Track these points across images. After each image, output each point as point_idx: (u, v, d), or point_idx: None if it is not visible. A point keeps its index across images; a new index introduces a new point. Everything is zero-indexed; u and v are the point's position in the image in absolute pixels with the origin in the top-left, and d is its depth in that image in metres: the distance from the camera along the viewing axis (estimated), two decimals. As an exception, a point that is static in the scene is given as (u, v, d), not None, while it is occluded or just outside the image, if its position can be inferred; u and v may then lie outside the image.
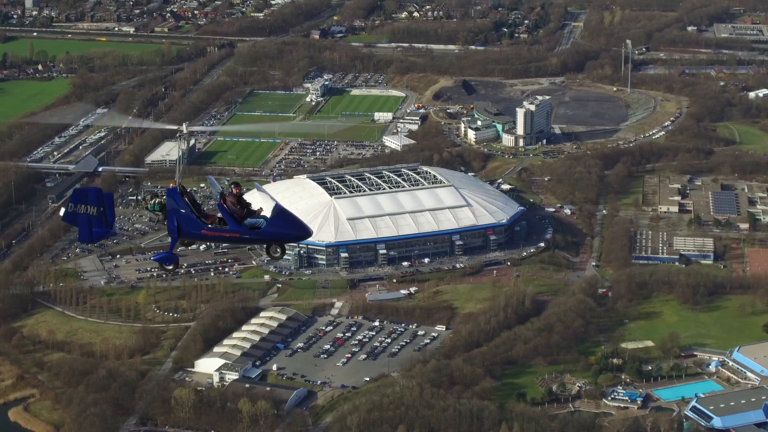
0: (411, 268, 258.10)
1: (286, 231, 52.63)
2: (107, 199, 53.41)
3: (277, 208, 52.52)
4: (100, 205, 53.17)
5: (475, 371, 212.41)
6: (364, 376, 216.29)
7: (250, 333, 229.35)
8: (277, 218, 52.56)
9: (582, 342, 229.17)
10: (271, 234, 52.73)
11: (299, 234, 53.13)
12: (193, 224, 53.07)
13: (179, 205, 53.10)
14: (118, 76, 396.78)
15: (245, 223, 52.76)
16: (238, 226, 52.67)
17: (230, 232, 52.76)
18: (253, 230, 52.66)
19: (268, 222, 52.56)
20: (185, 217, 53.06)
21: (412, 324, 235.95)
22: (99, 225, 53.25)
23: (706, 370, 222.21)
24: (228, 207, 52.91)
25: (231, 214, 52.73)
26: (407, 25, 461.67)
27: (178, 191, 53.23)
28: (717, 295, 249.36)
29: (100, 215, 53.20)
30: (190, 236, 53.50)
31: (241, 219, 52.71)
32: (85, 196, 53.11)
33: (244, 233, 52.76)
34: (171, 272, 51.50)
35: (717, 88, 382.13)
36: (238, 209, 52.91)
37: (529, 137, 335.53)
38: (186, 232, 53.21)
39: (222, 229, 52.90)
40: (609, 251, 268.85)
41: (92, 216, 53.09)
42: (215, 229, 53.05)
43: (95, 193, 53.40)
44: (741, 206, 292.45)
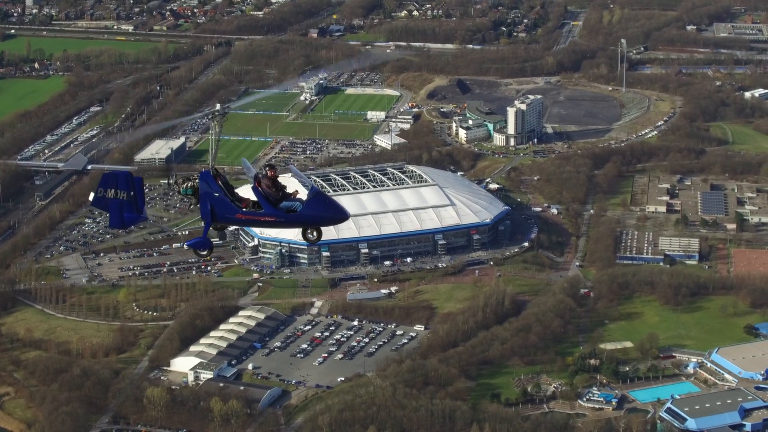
0: (393, 267, 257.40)
1: (322, 214, 51.70)
2: (137, 183, 51.90)
3: (313, 190, 51.41)
4: (131, 190, 51.58)
5: (450, 371, 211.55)
6: (340, 376, 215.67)
7: (227, 332, 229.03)
8: (313, 201, 51.41)
9: (560, 342, 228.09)
10: (308, 217, 51.86)
11: (336, 217, 52.20)
12: (227, 208, 51.74)
13: (212, 188, 51.64)
14: (113, 75, 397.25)
15: (281, 206, 51.73)
16: (273, 210, 51.66)
17: (265, 216, 51.83)
18: (289, 213, 51.72)
19: (305, 205, 51.50)
20: (219, 201, 51.64)
21: (390, 324, 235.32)
22: (130, 210, 51.71)
23: (684, 371, 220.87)
24: (263, 190, 51.65)
25: (266, 198, 51.56)
26: (405, 23, 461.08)
27: (212, 174, 51.81)
28: (699, 295, 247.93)
29: (131, 200, 51.63)
30: (224, 220, 52.23)
31: (276, 202, 51.61)
32: (114, 180, 51.54)
33: (280, 217, 51.81)
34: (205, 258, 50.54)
35: (712, 88, 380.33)
36: (273, 192, 51.72)
37: (520, 136, 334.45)
38: (220, 216, 51.88)
39: (257, 213, 51.85)
40: (593, 251, 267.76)
41: (123, 201, 51.50)
42: (250, 213, 51.94)
43: (125, 177, 51.85)
44: (729, 206, 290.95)
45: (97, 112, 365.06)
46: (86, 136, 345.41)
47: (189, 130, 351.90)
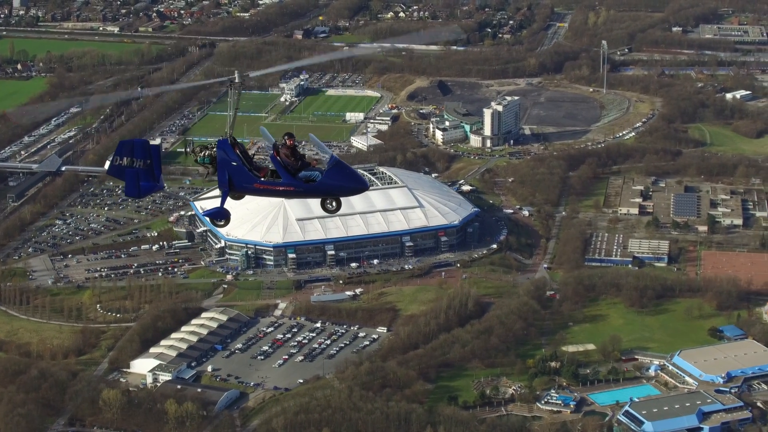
0: (359, 269, 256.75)
1: (342, 184, 51.11)
2: (154, 151, 51.62)
3: (333, 159, 50.87)
4: (147, 158, 51.43)
5: (409, 374, 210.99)
6: (299, 378, 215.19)
7: (189, 334, 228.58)
8: (333, 170, 50.81)
9: (522, 345, 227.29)
10: (327, 187, 51.20)
11: (356, 187, 51.58)
12: (245, 177, 51.40)
13: (230, 157, 51.40)
14: (95, 76, 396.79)
15: (299, 176, 51.24)
16: (292, 179, 51.14)
17: (284, 186, 51.33)
18: (308, 183, 51.15)
19: (324, 174, 50.95)
20: (237, 170, 51.35)
21: (353, 326, 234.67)
22: (146, 179, 51.55)
23: (645, 374, 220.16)
24: (281, 159, 51.25)
25: (285, 167, 51.09)
26: (390, 25, 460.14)
27: (229, 143, 51.47)
28: (666, 298, 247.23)
29: (147, 168, 51.46)
30: (242, 190, 51.91)
31: (295, 172, 51.12)
32: (131, 148, 51.48)
33: (299, 186, 51.30)
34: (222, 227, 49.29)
35: (692, 90, 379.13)
36: (292, 161, 51.27)
37: (496, 138, 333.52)
38: (237, 185, 51.57)
39: (275, 183, 51.42)
40: (562, 253, 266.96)
41: (139, 169, 51.38)
42: (268, 183, 51.57)
43: (142, 145, 51.68)
44: (702, 208, 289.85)
45: (76, 114, 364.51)
46: (64, 137, 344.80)
47: (167, 131, 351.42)
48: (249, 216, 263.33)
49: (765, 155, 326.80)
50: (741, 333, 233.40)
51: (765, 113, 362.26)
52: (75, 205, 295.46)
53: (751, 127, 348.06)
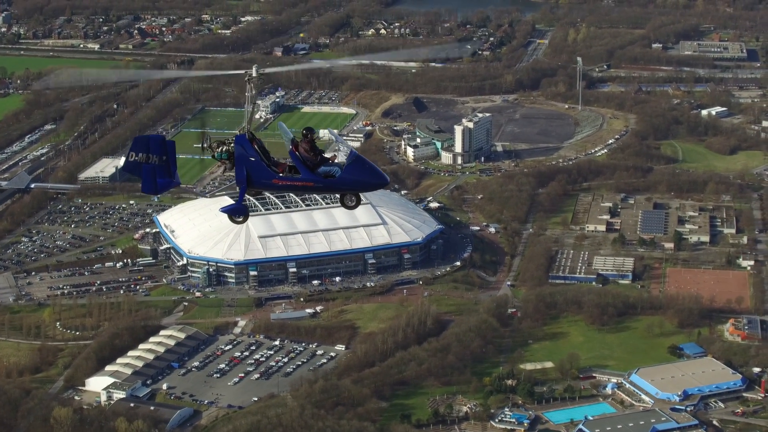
0: (320, 286, 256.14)
1: (362, 179, 50.28)
2: (170, 147, 50.83)
3: (352, 155, 50.39)
4: (163, 154, 50.58)
5: (362, 392, 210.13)
6: (254, 396, 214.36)
7: (145, 352, 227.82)
8: (352, 166, 50.12)
9: (480, 363, 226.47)
10: (347, 182, 50.36)
11: (376, 182, 50.75)
12: (263, 173, 50.66)
13: (248, 152, 50.83)
14: (72, 93, 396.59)
15: (319, 171, 50.59)
16: (311, 175, 50.47)
17: (303, 181, 50.55)
18: (327, 179, 50.34)
19: (343, 170, 50.25)
20: (255, 166, 50.62)
21: (312, 343, 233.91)
22: (163, 175, 50.85)
23: (602, 392, 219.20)
24: (300, 154, 50.70)
25: (303, 162, 50.47)
26: (370, 42, 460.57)
27: (247, 138, 50.89)
28: (627, 315, 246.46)
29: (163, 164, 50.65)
30: (260, 186, 51.08)
31: (314, 167, 50.51)
32: (147, 144, 50.52)
33: (318, 182, 50.50)
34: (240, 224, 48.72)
35: (666, 106, 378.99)
36: (311, 156, 50.76)
37: (467, 155, 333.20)
38: (256, 181, 50.74)
39: (294, 178, 50.65)
40: (525, 270, 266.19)
41: (156, 165, 50.55)
42: (287, 178, 50.78)
43: (158, 142, 50.73)
44: (670, 225, 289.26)
45: (50, 131, 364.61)
46: (36, 154, 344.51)
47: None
48: (211, 233, 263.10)
49: (736, 172, 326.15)
50: (701, 351, 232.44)
51: (739, 130, 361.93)
52: (42, 223, 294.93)
53: (724, 144, 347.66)
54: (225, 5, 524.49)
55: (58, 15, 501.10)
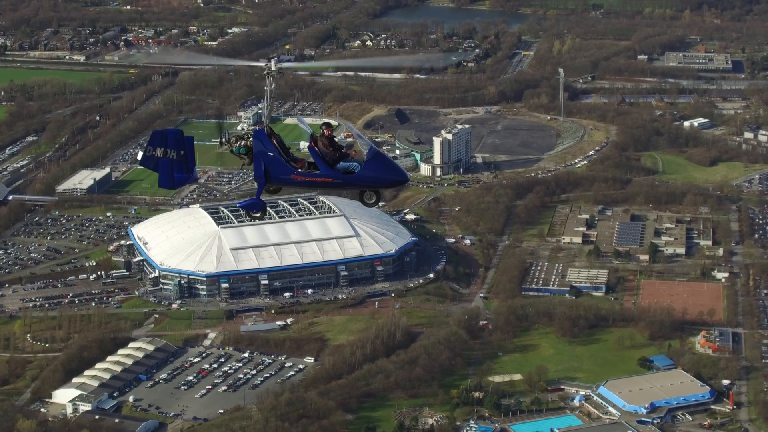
0: (292, 299, 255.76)
1: (382, 175, 49.81)
2: (188, 142, 50.40)
3: (372, 151, 49.91)
4: (181, 149, 50.09)
5: (328, 404, 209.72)
6: (220, 408, 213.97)
7: (113, 364, 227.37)
8: (372, 162, 49.67)
9: (449, 375, 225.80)
10: (366, 179, 49.91)
11: (396, 179, 50.38)
12: (282, 168, 50.22)
13: (267, 147, 50.22)
14: (55, 105, 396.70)
15: (338, 167, 50.08)
16: (330, 171, 49.98)
17: (322, 177, 50.14)
18: (347, 175, 49.94)
19: (363, 166, 49.80)
20: (273, 161, 50.15)
21: (281, 356, 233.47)
22: (180, 170, 50.24)
23: (569, 404, 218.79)
24: (319, 150, 50.02)
25: (323, 158, 49.88)
26: (355, 53, 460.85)
27: (266, 133, 50.29)
28: (599, 327, 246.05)
29: (181, 159, 50.14)
30: (279, 181, 50.70)
31: (333, 163, 49.97)
32: (164, 138, 50.22)
33: (337, 178, 50.08)
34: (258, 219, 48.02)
35: (648, 117, 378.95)
36: (330, 152, 50.12)
37: (446, 166, 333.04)
38: (274, 176, 50.38)
39: (313, 174, 50.19)
40: (499, 283, 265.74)
41: (173, 160, 49.99)
42: (306, 174, 50.34)
43: (176, 136, 50.48)
44: (646, 237, 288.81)
45: (32, 143, 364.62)
46: (16, 166, 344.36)
47: (119, 159, 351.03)
48: (184, 245, 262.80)
49: (715, 183, 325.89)
50: (671, 363, 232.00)
51: (720, 141, 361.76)
52: (18, 235, 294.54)
53: (704, 155, 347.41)
54: (212, 17, 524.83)
55: (45, 27, 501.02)
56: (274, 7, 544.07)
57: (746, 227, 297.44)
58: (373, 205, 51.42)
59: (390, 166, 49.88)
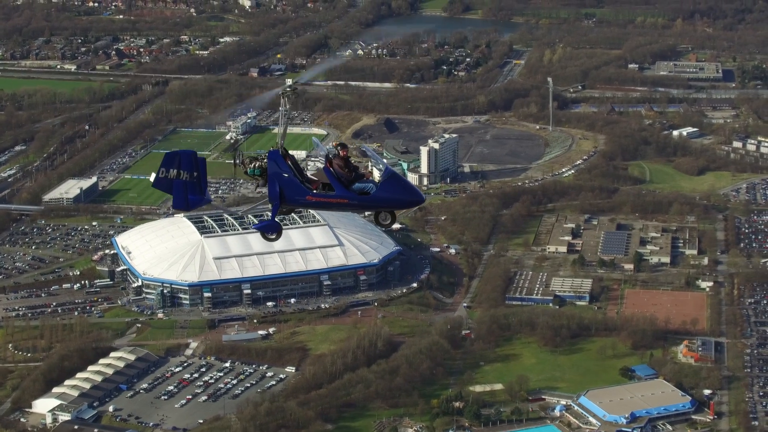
0: (275, 308, 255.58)
1: (398, 196, 49.35)
2: (201, 163, 49.50)
3: (388, 171, 49.40)
4: (194, 170, 49.20)
5: (306, 414, 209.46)
6: (200, 418, 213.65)
7: (94, 374, 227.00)
8: (388, 183, 49.17)
9: (430, 385, 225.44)
10: (382, 200, 49.44)
11: (411, 199, 49.92)
12: (296, 189, 49.62)
13: (282, 168, 49.67)
14: (45, 114, 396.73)
15: (353, 188, 49.60)
16: (345, 192, 49.51)
17: (337, 198, 49.61)
18: (362, 196, 49.53)
19: (379, 187, 49.27)
20: (288, 182, 49.60)
21: (263, 365, 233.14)
22: (194, 192, 49.44)
23: (550, 414, 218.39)
24: (335, 170, 49.52)
25: (338, 179, 49.44)
26: (345, 62, 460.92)
27: (281, 153, 49.87)
28: (581, 337, 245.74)
29: (194, 181, 49.33)
30: (293, 203, 50.07)
31: (348, 183, 49.53)
32: (177, 159, 49.24)
33: (353, 199, 49.60)
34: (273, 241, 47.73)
35: (636, 127, 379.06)
36: (345, 173, 49.60)
37: (433, 176, 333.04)
38: (289, 198, 49.79)
39: (328, 195, 49.60)
40: (482, 292, 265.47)
41: (187, 182, 49.23)
42: (321, 195, 49.72)
43: (189, 157, 49.44)
44: (631, 246, 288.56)
45: (20, 152, 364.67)
46: (3, 175, 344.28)
47: (107, 169, 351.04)
48: (167, 255, 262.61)
49: (702, 193, 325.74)
50: (652, 373, 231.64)
51: (709, 151, 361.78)
52: (3, 244, 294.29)
53: (692, 165, 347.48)
54: (204, 26, 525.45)
55: (37, 36, 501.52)
56: (266, 16, 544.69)
57: (732, 236, 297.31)
58: (389, 226, 51.15)
59: (405, 187, 49.55)
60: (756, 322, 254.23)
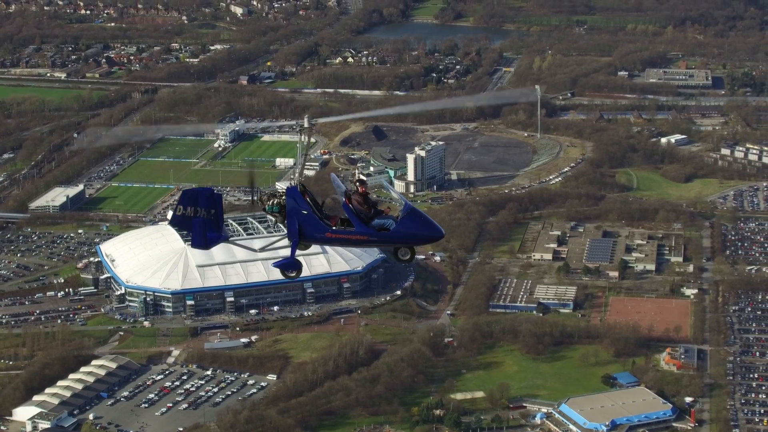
0: (258, 316, 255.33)
1: (417, 232, 49.57)
2: (218, 200, 49.60)
3: (407, 207, 49.59)
4: (212, 207, 49.24)
5: (287, 422, 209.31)
6: (180, 426, 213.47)
7: (75, 381, 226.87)
8: (407, 218, 49.50)
9: (411, 392, 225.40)
10: (401, 235, 49.63)
11: (431, 235, 50.03)
12: (315, 226, 49.81)
13: (301, 205, 49.82)
14: (33, 122, 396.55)
15: (373, 224, 49.87)
16: (365, 228, 49.70)
17: (357, 235, 49.80)
18: (382, 232, 49.64)
19: (398, 222, 49.48)
20: (307, 219, 49.79)
21: (244, 373, 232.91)
22: (212, 229, 49.49)
23: (531, 422, 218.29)
24: (354, 207, 49.80)
25: (357, 215, 49.60)
26: (335, 70, 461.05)
27: (299, 190, 49.60)
28: (564, 344, 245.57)
29: (212, 218, 49.26)
30: (313, 239, 50.30)
31: (368, 220, 49.67)
32: (195, 198, 49.27)
33: (372, 235, 49.79)
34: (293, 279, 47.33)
35: (624, 134, 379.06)
36: (365, 209, 49.93)
37: (420, 183, 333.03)
38: (308, 234, 50.01)
39: (347, 231, 49.76)
40: (466, 299, 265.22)
41: (205, 220, 49.18)
42: (340, 232, 49.91)
43: (207, 195, 49.57)
44: (617, 254, 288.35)
45: (8, 160, 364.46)
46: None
47: (94, 177, 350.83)
48: (150, 262, 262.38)
49: (689, 200, 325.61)
50: (634, 380, 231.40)
51: (696, 158, 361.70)
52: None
53: (680, 172, 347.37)
54: (195, 34, 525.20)
55: (28, 44, 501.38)
56: (257, 23, 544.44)
57: (718, 243, 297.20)
58: (409, 261, 51.22)
59: (425, 222, 49.73)
60: (740, 329, 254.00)
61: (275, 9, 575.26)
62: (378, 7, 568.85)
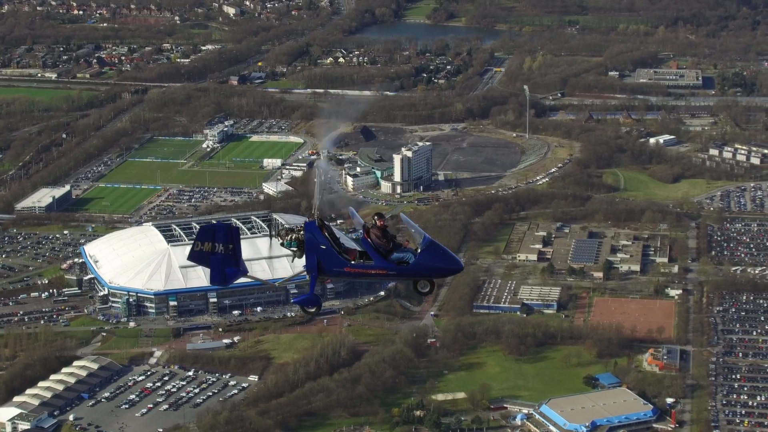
0: (240, 316, 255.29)
1: (437, 265, 49.30)
2: (236, 235, 48.78)
3: (426, 240, 49.33)
4: (230, 242, 48.48)
5: (265, 423, 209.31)
6: (160, 427, 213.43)
7: (55, 383, 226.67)
8: (427, 251, 49.24)
9: (392, 393, 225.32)
10: (421, 269, 49.37)
11: (450, 267, 49.74)
12: (334, 261, 49.37)
13: (319, 240, 49.23)
14: (22, 122, 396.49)
15: (392, 257, 49.46)
16: (384, 262, 49.31)
17: (376, 269, 49.39)
18: (401, 265, 49.37)
19: (417, 256, 49.20)
20: (326, 254, 49.26)
21: (225, 374, 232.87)
22: (231, 264, 48.68)
23: (511, 423, 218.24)
24: (372, 241, 49.40)
25: (376, 249, 49.33)
26: (325, 70, 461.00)
27: (317, 225, 49.37)
28: (547, 345, 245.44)
29: (230, 254, 48.57)
30: (331, 274, 49.76)
31: (387, 253, 49.40)
32: (213, 233, 48.53)
33: (391, 269, 49.39)
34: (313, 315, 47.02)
35: (612, 134, 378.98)
36: (383, 243, 49.50)
37: (406, 184, 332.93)
38: (327, 269, 49.49)
39: (366, 266, 49.36)
40: (449, 300, 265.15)
41: (224, 255, 48.50)
42: (359, 266, 49.46)
43: (225, 230, 48.77)
44: (602, 254, 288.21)
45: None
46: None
47: (82, 178, 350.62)
48: (133, 263, 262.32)
49: (675, 200, 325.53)
50: (616, 381, 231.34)
51: (684, 158, 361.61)
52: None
53: (667, 172, 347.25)
54: (187, 34, 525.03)
55: (19, 44, 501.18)
56: (249, 24, 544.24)
57: (704, 244, 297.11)
58: (428, 293, 50.57)
59: (444, 255, 49.34)
60: (723, 330, 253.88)
61: (268, 9, 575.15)
62: (370, 8, 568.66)
